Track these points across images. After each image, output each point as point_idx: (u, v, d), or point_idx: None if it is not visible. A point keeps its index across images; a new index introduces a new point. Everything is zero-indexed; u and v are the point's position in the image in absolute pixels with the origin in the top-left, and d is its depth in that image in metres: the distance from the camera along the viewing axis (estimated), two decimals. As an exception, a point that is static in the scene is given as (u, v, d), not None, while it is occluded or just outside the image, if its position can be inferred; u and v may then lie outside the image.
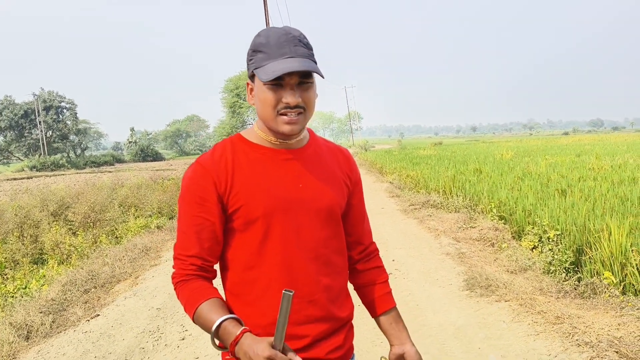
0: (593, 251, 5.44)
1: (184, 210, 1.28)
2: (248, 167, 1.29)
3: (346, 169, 1.44)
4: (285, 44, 1.21)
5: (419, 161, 21.73)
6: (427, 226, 8.41)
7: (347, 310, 1.40)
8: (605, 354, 3.25)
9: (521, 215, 7.60)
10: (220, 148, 1.32)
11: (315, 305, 1.30)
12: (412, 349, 1.40)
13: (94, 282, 5.99)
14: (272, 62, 1.20)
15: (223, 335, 1.15)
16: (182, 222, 1.29)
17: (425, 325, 4.18)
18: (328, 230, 1.35)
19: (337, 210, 1.37)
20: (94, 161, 59.90)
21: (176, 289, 1.29)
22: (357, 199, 1.48)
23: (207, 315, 1.19)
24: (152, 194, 15.10)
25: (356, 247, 1.50)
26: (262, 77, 1.20)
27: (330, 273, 1.35)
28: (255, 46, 1.24)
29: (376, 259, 1.54)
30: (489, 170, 14.58)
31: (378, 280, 1.50)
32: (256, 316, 1.28)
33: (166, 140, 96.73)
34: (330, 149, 1.44)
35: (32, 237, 9.72)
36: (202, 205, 1.26)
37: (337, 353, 1.34)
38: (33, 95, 65.70)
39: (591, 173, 12.02)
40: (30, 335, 4.49)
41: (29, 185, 25.14)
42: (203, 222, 1.26)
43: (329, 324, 1.33)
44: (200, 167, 1.28)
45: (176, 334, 4.34)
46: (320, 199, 1.32)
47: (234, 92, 39.88)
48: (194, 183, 1.27)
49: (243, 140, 1.34)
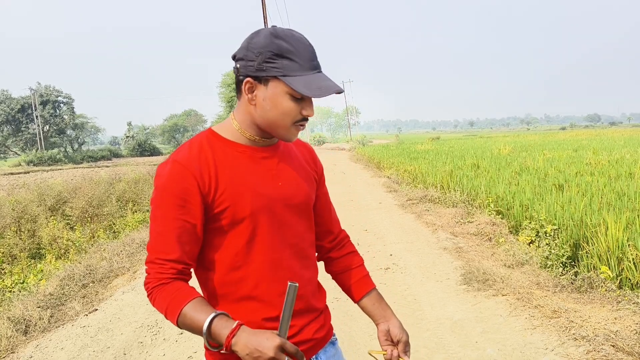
0: (590, 246, 5.46)
1: (162, 212, 1.21)
2: (230, 165, 1.26)
3: (311, 163, 1.48)
4: (312, 55, 1.22)
5: (416, 156, 21.76)
6: (424, 221, 8.43)
7: (322, 301, 1.47)
8: (602, 347, 3.27)
9: (518, 210, 7.63)
10: (197, 144, 1.26)
11: (301, 299, 1.33)
12: (396, 322, 1.44)
13: (92, 276, 5.99)
14: (306, 75, 1.19)
15: (216, 332, 1.11)
16: (159, 225, 1.21)
17: (422, 319, 4.20)
18: (304, 224, 1.38)
19: (310, 204, 1.41)
20: (91, 156, 59.80)
21: (152, 294, 1.20)
22: (322, 190, 1.52)
23: (193, 316, 1.13)
24: (150, 188, 15.09)
25: (327, 236, 1.53)
26: (302, 90, 1.18)
27: (309, 266, 1.40)
28: (281, 51, 1.19)
29: (348, 245, 1.58)
30: (487, 165, 14.61)
31: (353, 264, 1.53)
32: (246, 314, 1.27)
33: (163, 135, 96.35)
34: (296, 144, 1.46)
35: (29, 231, 9.72)
36: (183, 207, 1.20)
37: (320, 333, 1.41)
38: (30, 89, 65.47)
39: (588, 168, 12.06)
40: (29, 329, 4.49)
41: (26, 180, 25.07)
42: (184, 224, 1.20)
43: (311, 315, 1.39)
44: (180, 165, 1.21)
45: (174, 329, 4.35)
46: (297, 194, 1.34)
47: (231, 87, 39.72)
48: (172, 182, 1.20)
49: (217, 137, 1.30)
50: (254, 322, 1.26)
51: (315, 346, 1.39)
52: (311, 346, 1.37)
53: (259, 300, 1.28)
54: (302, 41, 1.22)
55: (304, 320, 1.36)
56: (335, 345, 1.49)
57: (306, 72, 1.20)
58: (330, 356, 1.44)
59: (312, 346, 1.38)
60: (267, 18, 20.59)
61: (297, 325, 1.33)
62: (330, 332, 1.48)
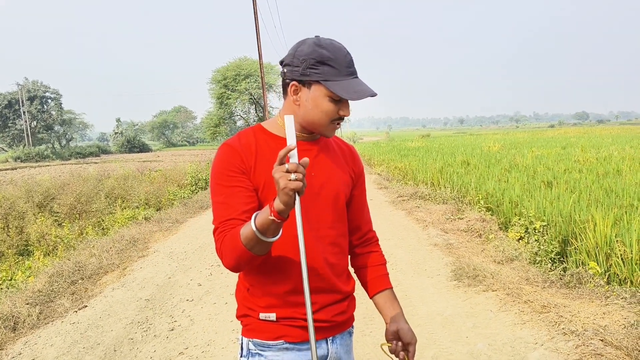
0: (578, 242, 5.51)
1: (221, 185, 1.39)
2: (269, 153, 1.43)
3: (351, 163, 1.62)
4: (350, 63, 1.39)
5: (407, 153, 21.83)
6: (415, 217, 8.46)
7: (349, 286, 1.56)
8: (591, 342, 3.31)
9: (508, 207, 7.68)
10: (244, 135, 1.47)
11: (322, 278, 1.45)
12: (406, 325, 1.53)
13: (81, 273, 5.94)
14: (345, 79, 1.37)
15: (261, 221, 1.21)
16: (218, 194, 1.40)
17: (414, 315, 4.21)
18: (334, 215, 1.51)
19: (342, 197, 1.53)
20: (79, 152, 59.19)
21: (220, 251, 1.34)
22: (359, 190, 1.65)
23: (243, 232, 1.26)
24: (139, 185, 15.00)
25: (356, 233, 1.65)
26: (340, 93, 1.34)
27: (336, 253, 1.51)
28: (322, 58, 1.36)
29: (374, 245, 1.69)
30: (477, 162, 14.69)
31: (375, 263, 1.64)
32: (270, 285, 1.43)
33: (153, 131, 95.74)
34: (338, 144, 1.62)
35: (17, 228, 9.62)
36: (237, 177, 1.39)
37: (341, 317, 1.51)
38: (17, 85, 64.75)
39: (576, 165, 12.18)
40: (17, 326, 4.44)
41: (14, 176, 24.80)
42: (241, 190, 1.39)
43: (334, 296, 1.49)
44: (230, 147, 1.43)
45: (165, 325, 4.33)
46: (328, 186, 1.49)
47: (221, 83, 39.39)
48: (225, 161, 1.41)
49: (264, 131, 1.49)
50: (277, 293, 1.42)
51: (332, 328, 1.50)
52: (328, 327, 1.48)
53: (281, 272, 1.42)
54: (341, 50, 1.39)
55: (325, 299, 1.47)
56: (351, 336, 1.61)
57: (344, 77, 1.37)
58: (344, 344, 1.55)
59: (330, 327, 1.49)
60: (257, 14, 20.50)
61: (318, 303, 1.44)
62: (351, 321, 1.58)
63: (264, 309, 1.43)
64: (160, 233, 8.59)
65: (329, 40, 1.40)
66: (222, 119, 40.59)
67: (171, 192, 13.99)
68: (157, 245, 7.60)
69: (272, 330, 1.42)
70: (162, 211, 11.15)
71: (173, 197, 13.48)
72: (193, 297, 5.02)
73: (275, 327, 1.42)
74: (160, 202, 13.25)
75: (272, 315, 1.42)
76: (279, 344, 1.42)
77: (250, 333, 1.45)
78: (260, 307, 1.44)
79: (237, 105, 40.23)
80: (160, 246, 7.53)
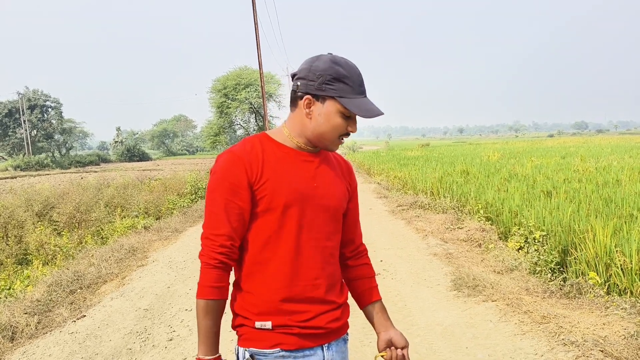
0: (578, 252, 5.51)
1: (217, 195, 1.43)
2: (275, 161, 1.47)
3: (347, 177, 1.67)
4: (362, 82, 1.45)
5: (406, 162, 21.85)
6: (414, 227, 8.45)
7: (343, 297, 1.60)
8: (591, 353, 3.30)
9: (507, 216, 7.68)
10: (250, 142, 1.50)
11: (318, 288, 1.49)
12: (397, 332, 1.60)
13: (80, 282, 5.93)
14: (357, 98, 1.43)
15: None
16: (213, 206, 1.44)
17: (413, 325, 4.20)
18: (333, 226, 1.55)
19: (340, 210, 1.58)
20: (79, 161, 59.19)
21: (201, 268, 1.46)
22: (353, 204, 1.69)
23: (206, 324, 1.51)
24: (139, 194, 14.99)
25: (349, 245, 1.70)
26: (355, 110, 1.41)
27: (333, 263, 1.56)
28: (338, 75, 1.41)
29: (365, 257, 1.74)
30: (476, 171, 14.69)
31: (366, 275, 1.70)
32: (270, 293, 1.45)
33: (153, 140, 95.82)
34: (336, 159, 1.67)
35: (16, 237, 9.60)
36: (236, 192, 1.42)
37: (335, 324, 1.53)
38: (17, 93, 64.78)
39: (576, 175, 12.18)
40: (15, 336, 4.43)
41: (13, 185, 24.78)
42: (234, 207, 1.43)
43: (327, 306, 1.52)
44: (234, 155, 1.44)
45: (164, 335, 4.31)
46: (329, 198, 1.53)
47: (221, 92, 39.49)
48: (227, 170, 1.43)
49: (269, 139, 1.52)
50: (274, 301, 1.45)
51: (328, 335, 1.52)
52: (323, 334, 1.51)
53: (280, 281, 1.45)
54: (354, 69, 1.45)
55: (319, 309, 1.49)
56: (346, 343, 1.64)
57: (357, 95, 1.43)
58: (340, 350, 1.58)
59: (325, 334, 1.51)
60: (257, 24, 20.62)
61: (312, 312, 1.47)
62: (345, 328, 1.61)
63: (259, 317, 1.45)
64: (159, 242, 8.58)
65: (343, 59, 1.45)
66: (222, 128, 40.68)
67: (171, 201, 13.97)
68: (156, 255, 7.58)
69: (268, 339, 1.44)
70: (162, 220, 11.13)
71: (172, 206, 13.47)
72: (192, 307, 5.01)
73: (271, 335, 1.44)
74: (160, 211, 13.23)
75: (267, 323, 1.44)
76: (275, 352, 1.44)
77: (247, 342, 1.48)
78: (255, 316, 1.46)
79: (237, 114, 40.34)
80: (160, 255, 7.52)
